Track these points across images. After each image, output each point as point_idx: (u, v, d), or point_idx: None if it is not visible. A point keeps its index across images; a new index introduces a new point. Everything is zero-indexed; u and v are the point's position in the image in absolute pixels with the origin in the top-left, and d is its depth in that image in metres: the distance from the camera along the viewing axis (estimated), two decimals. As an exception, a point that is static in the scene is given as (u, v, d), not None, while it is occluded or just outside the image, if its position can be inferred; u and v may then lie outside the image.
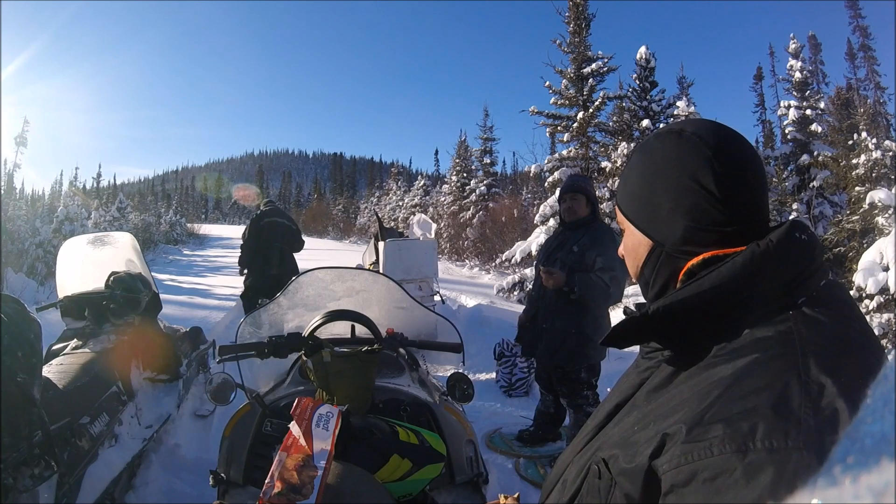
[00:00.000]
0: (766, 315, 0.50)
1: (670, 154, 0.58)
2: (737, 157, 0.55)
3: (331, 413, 1.00)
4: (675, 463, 0.44)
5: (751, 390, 0.44)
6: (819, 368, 0.44)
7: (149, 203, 33.38)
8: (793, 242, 0.51)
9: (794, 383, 0.43)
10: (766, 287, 0.50)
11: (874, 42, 17.59)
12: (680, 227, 0.56)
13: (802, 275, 0.51)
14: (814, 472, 0.35)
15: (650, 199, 0.59)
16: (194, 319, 5.30)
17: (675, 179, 0.56)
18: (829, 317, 0.49)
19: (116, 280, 2.47)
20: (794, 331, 0.48)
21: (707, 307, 0.52)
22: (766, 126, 18.08)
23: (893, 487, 0.18)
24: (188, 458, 2.45)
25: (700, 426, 0.44)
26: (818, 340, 0.47)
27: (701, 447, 0.43)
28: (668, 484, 0.44)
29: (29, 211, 12.10)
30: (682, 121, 0.64)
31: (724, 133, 0.57)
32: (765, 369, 0.45)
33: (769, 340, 0.48)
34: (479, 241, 13.70)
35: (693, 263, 0.56)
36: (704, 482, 0.41)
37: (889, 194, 5.81)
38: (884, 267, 4.75)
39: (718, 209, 0.54)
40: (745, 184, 0.55)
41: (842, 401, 0.41)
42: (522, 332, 2.72)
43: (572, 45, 8.97)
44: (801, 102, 8.86)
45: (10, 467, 1.32)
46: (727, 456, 0.41)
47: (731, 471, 0.40)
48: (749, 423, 0.41)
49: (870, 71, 17.52)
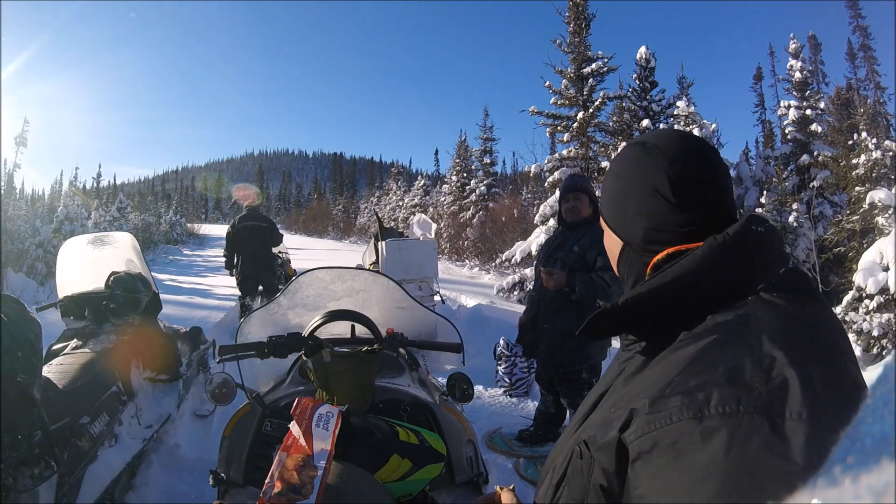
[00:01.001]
0: (727, 301, 0.55)
1: (634, 164, 0.65)
2: (691, 166, 0.62)
3: (331, 413, 1.00)
4: (640, 432, 0.48)
5: (708, 365, 0.48)
6: (771, 343, 0.48)
7: (149, 203, 33.35)
8: (749, 235, 0.56)
9: (746, 357, 0.47)
10: (725, 275, 0.56)
11: (874, 42, 17.59)
12: (641, 228, 0.63)
13: (760, 263, 0.56)
14: (763, 432, 0.42)
15: (619, 203, 0.66)
16: (194, 319, 5.30)
17: (637, 186, 0.63)
18: (784, 300, 0.53)
19: (116, 280, 2.47)
20: (751, 313, 0.52)
21: (671, 296, 0.57)
22: (766, 126, 18.09)
23: (893, 487, 0.18)
24: (188, 458, 2.45)
25: (661, 399, 0.48)
26: (772, 320, 0.51)
27: (662, 416, 0.47)
28: (634, 452, 0.48)
29: (29, 211, 12.10)
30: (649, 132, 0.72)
31: (682, 144, 0.63)
32: (721, 347, 0.50)
33: (728, 323, 0.53)
34: (479, 241, 13.70)
35: (659, 258, 0.62)
36: (666, 447, 0.46)
37: (889, 194, 5.81)
38: (884, 267, 4.75)
39: (674, 213, 0.61)
40: (698, 190, 0.61)
41: (791, 370, 0.45)
42: (523, 332, 2.72)
43: (572, 45, 8.97)
44: (801, 102, 8.86)
45: (10, 467, 1.31)
46: (685, 422, 0.45)
47: (689, 435, 0.44)
48: (704, 393, 0.45)
49: (870, 71, 17.52)
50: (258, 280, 4.97)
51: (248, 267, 4.91)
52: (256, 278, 4.96)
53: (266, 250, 5.03)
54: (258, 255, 4.94)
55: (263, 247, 4.99)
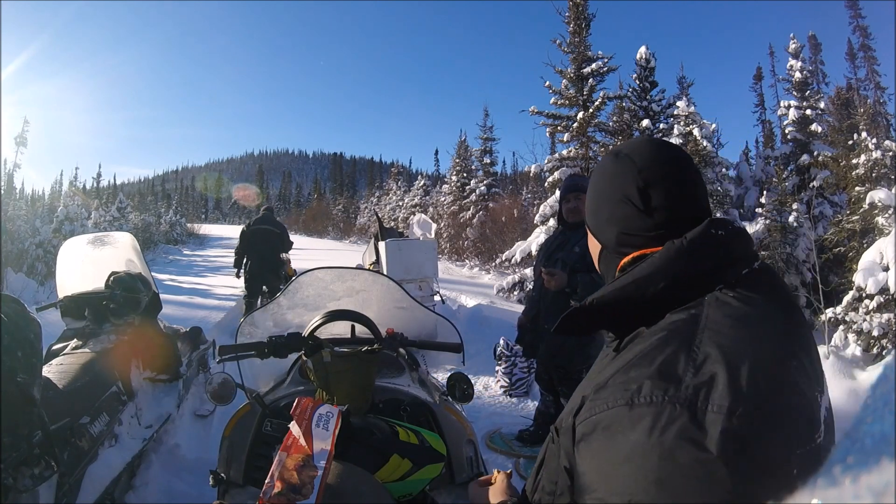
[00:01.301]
0: (686, 300, 0.58)
1: (608, 172, 0.70)
2: (659, 175, 0.66)
3: (331, 413, 1.00)
4: (584, 417, 0.54)
5: (649, 359, 0.52)
6: (709, 341, 0.51)
7: (149, 203, 33.33)
8: (707, 238, 0.60)
9: (682, 353, 0.51)
10: (682, 276, 0.59)
11: (874, 42, 17.58)
12: (614, 233, 0.68)
13: (719, 265, 0.60)
14: (682, 421, 0.46)
15: (596, 209, 0.72)
16: (194, 319, 5.30)
17: (610, 194, 0.69)
18: (739, 299, 0.57)
19: (116, 280, 2.47)
20: (702, 312, 0.56)
21: (631, 297, 0.61)
22: (766, 126, 18.07)
23: (893, 487, 0.18)
24: (188, 458, 2.45)
25: (603, 388, 0.54)
26: (719, 319, 0.54)
27: (600, 403, 0.53)
28: (579, 434, 0.54)
29: (29, 211, 12.10)
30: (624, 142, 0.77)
31: (652, 153, 0.67)
32: (666, 343, 0.54)
33: (680, 321, 0.56)
34: (479, 241, 13.70)
35: (624, 262, 0.68)
36: (603, 430, 0.51)
37: (889, 194, 5.81)
38: (884, 267, 4.75)
39: (643, 219, 0.65)
40: (665, 197, 0.65)
41: (720, 366, 0.48)
42: (523, 332, 2.72)
43: (572, 45, 8.96)
44: (801, 102, 8.86)
45: (10, 467, 1.31)
46: (618, 408, 0.50)
47: (620, 420, 0.50)
48: (638, 384, 0.50)
49: (870, 71, 17.51)
50: (263, 281, 5.14)
51: (255, 268, 5.15)
52: (262, 279, 5.13)
53: (274, 254, 5.23)
54: (266, 258, 5.17)
55: (272, 251, 5.21)
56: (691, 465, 0.44)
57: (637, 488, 0.46)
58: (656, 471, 0.45)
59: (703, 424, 0.45)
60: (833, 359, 3.88)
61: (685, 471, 0.44)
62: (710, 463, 0.44)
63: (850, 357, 4.26)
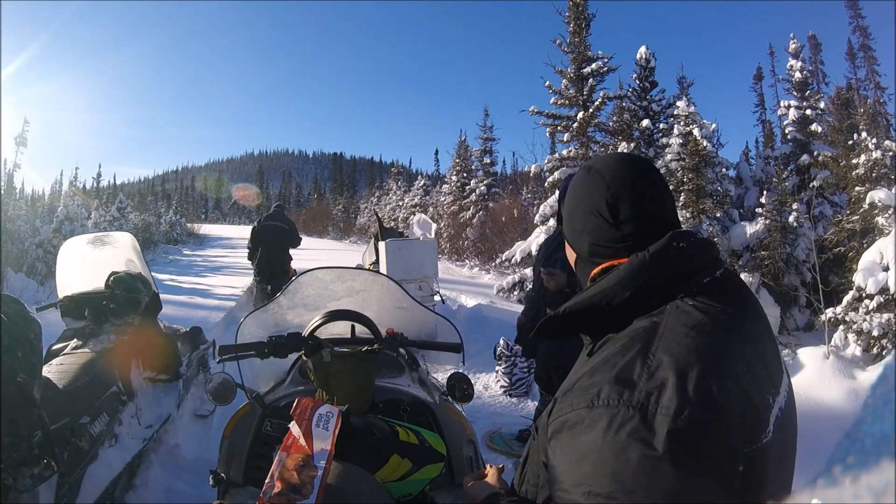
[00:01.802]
0: (650, 307, 0.63)
1: (580, 186, 0.74)
2: (627, 190, 0.70)
3: (331, 413, 1.00)
4: (554, 417, 0.60)
5: (609, 365, 0.58)
6: (663, 349, 0.56)
7: (149, 203, 33.30)
8: (670, 251, 0.64)
9: (639, 359, 0.56)
10: (646, 286, 0.63)
11: (874, 42, 17.56)
12: (586, 243, 0.73)
13: (680, 275, 0.64)
14: (633, 423, 0.51)
15: (571, 220, 0.76)
16: (194, 319, 5.30)
17: (582, 207, 0.73)
18: (697, 308, 0.61)
19: (116, 280, 2.47)
20: (662, 320, 0.60)
21: (599, 305, 0.65)
22: (766, 126, 18.06)
23: (893, 487, 0.18)
24: (188, 458, 2.45)
25: (569, 392, 0.60)
26: (675, 327, 0.59)
27: (566, 405, 0.58)
28: (550, 432, 0.60)
29: (29, 211, 12.08)
30: (596, 157, 0.82)
31: (621, 169, 0.71)
32: (625, 350, 0.58)
33: (641, 328, 0.61)
34: (479, 241, 13.69)
35: (595, 272, 0.73)
36: (568, 429, 0.57)
37: (889, 194, 5.81)
38: (884, 267, 4.75)
39: (611, 230, 0.70)
40: (632, 210, 0.69)
41: (670, 372, 0.53)
42: (523, 333, 2.72)
43: (572, 45, 8.96)
44: (801, 102, 8.84)
45: (10, 467, 1.31)
46: (580, 410, 0.56)
47: (582, 420, 0.55)
48: (598, 388, 0.56)
49: (870, 71, 17.50)
50: (271, 272, 5.51)
51: (264, 261, 5.52)
52: (269, 271, 5.51)
53: (283, 249, 5.60)
54: (273, 251, 5.54)
55: (281, 245, 5.57)
56: (641, 461, 0.49)
57: (594, 480, 0.51)
58: (611, 465, 0.50)
59: (653, 426, 0.50)
60: (833, 359, 3.88)
61: (636, 467, 0.49)
62: (657, 460, 0.49)
63: (850, 357, 4.25)
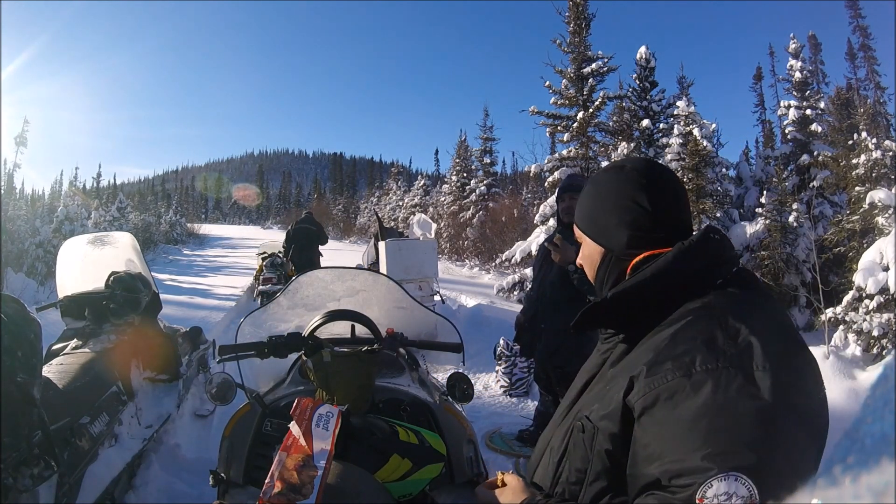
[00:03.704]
0: (692, 294, 0.68)
1: (614, 183, 0.78)
2: (663, 184, 0.77)
3: (331, 413, 1.00)
4: (642, 392, 0.61)
5: (688, 338, 0.62)
6: (734, 319, 0.62)
7: (149, 203, 33.29)
8: (708, 241, 0.71)
9: (717, 329, 0.61)
10: (690, 272, 0.70)
11: (874, 42, 17.55)
12: (624, 235, 0.76)
13: (716, 263, 0.71)
14: (738, 380, 0.56)
15: (600, 217, 0.79)
16: (194, 319, 5.30)
17: (618, 201, 0.77)
18: (738, 290, 0.69)
19: (116, 280, 2.47)
20: (714, 300, 0.67)
21: (650, 288, 0.70)
22: (766, 126, 18.06)
23: (893, 487, 0.18)
24: (188, 458, 2.45)
25: (656, 365, 0.62)
26: (732, 304, 0.66)
27: (659, 377, 0.60)
28: (639, 409, 0.61)
29: (29, 211, 12.07)
30: (621, 159, 0.88)
31: (654, 167, 0.79)
32: (695, 325, 0.64)
33: (697, 308, 0.66)
34: (479, 241, 13.69)
35: (637, 260, 0.76)
36: (665, 400, 0.59)
37: (889, 194, 5.81)
38: (884, 267, 4.75)
39: (650, 220, 0.75)
40: (669, 202, 0.76)
41: (752, 336, 0.60)
42: (521, 332, 2.72)
43: (572, 45, 8.96)
44: (801, 102, 8.84)
45: (10, 467, 1.31)
46: (678, 379, 0.59)
47: (682, 389, 0.58)
48: (690, 357, 0.60)
49: (870, 71, 17.50)
50: (301, 266, 6.47)
51: (296, 257, 6.77)
52: (300, 265, 6.57)
53: (312, 247, 6.96)
54: (304, 249, 6.85)
55: (310, 244, 6.94)
56: (755, 413, 0.54)
57: (712, 440, 0.54)
58: (726, 422, 0.54)
59: (756, 381, 0.56)
60: (833, 359, 3.88)
61: (752, 418, 0.54)
62: (769, 409, 0.54)
63: (850, 357, 4.26)
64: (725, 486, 0.52)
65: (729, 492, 0.52)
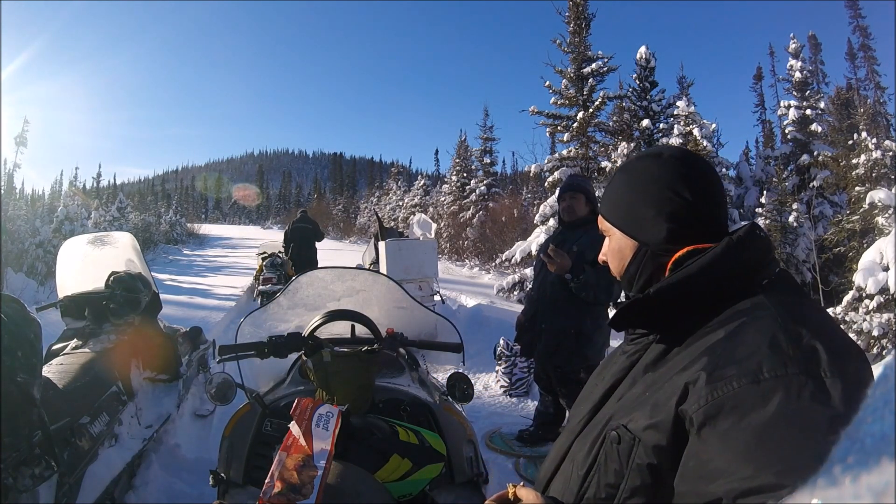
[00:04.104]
0: (738, 294, 0.63)
1: (651, 172, 0.72)
2: (703, 173, 0.71)
3: (331, 413, 1.00)
4: (704, 401, 0.55)
5: (749, 340, 0.57)
6: (793, 322, 0.57)
7: (149, 203, 33.30)
8: (755, 238, 0.66)
9: (779, 333, 0.56)
10: (737, 270, 0.64)
11: (874, 42, 17.56)
12: (664, 227, 0.70)
13: (762, 262, 0.66)
14: (810, 388, 0.51)
15: (637, 209, 0.72)
16: (194, 319, 5.30)
17: (656, 192, 0.70)
18: (786, 291, 0.64)
19: (116, 280, 2.47)
20: (766, 301, 0.61)
21: (695, 285, 0.65)
22: (766, 126, 18.07)
23: (893, 487, 0.18)
24: (188, 458, 2.45)
25: (717, 370, 0.56)
26: (786, 305, 0.61)
27: (722, 384, 0.54)
28: (699, 420, 0.54)
29: (29, 211, 12.06)
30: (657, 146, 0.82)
31: (692, 155, 0.74)
32: (752, 327, 0.58)
33: (748, 310, 0.61)
34: (479, 241, 13.69)
35: (680, 255, 0.69)
36: (731, 410, 0.53)
37: (889, 194, 5.81)
38: (884, 267, 4.75)
39: (692, 212, 0.69)
40: (709, 192, 0.71)
41: (816, 342, 0.55)
42: (521, 332, 2.72)
43: (572, 45, 8.96)
44: (801, 102, 8.85)
45: (10, 467, 1.31)
46: (745, 387, 0.53)
47: (751, 397, 0.52)
48: (755, 362, 0.54)
49: (870, 71, 17.50)
50: (301, 265, 6.83)
51: (296, 255, 7.17)
52: (299, 262, 7.00)
53: (311, 245, 7.41)
54: (303, 248, 7.29)
55: (306, 241, 7.38)
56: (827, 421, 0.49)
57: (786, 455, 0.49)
58: (798, 432, 0.49)
59: (826, 388, 0.51)
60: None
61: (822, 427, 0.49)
62: (839, 418, 0.49)
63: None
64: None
65: None
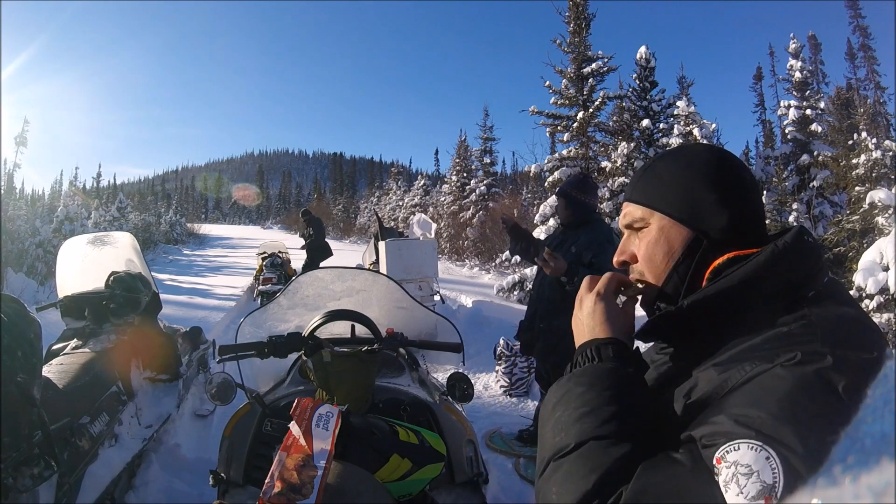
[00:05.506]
0: (783, 306, 0.56)
1: (709, 157, 0.65)
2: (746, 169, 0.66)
3: (331, 413, 1.00)
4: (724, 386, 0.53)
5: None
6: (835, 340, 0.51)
7: (149, 203, 33.29)
8: (803, 244, 0.59)
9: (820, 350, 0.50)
10: (784, 280, 0.58)
11: (874, 42, 17.58)
12: (725, 215, 0.61)
13: (810, 271, 0.59)
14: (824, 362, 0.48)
15: (694, 191, 0.63)
16: (194, 319, 5.30)
17: (717, 176, 0.63)
18: (833, 304, 0.56)
19: (116, 280, 2.47)
20: (815, 317, 0.54)
21: (736, 297, 0.58)
22: (766, 126, 18.08)
23: (893, 487, 0.18)
24: (188, 458, 2.45)
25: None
26: (836, 324, 0.54)
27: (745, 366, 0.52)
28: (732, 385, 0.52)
29: (29, 211, 12.06)
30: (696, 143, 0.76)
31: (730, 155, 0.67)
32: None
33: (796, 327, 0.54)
34: (479, 241, 13.69)
35: (719, 262, 0.62)
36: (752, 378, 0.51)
37: (889, 194, 5.81)
38: (884, 267, 4.75)
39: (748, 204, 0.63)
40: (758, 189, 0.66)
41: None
42: (522, 330, 2.73)
43: (572, 45, 8.96)
44: (801, 102, 8.85)
45: (10, 467, 1.31)
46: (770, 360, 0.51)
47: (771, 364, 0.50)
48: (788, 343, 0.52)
49: (870, 71, 17.51)
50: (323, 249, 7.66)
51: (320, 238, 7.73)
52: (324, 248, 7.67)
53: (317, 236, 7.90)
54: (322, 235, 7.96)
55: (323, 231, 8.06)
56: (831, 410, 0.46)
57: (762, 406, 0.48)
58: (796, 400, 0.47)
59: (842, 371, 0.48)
60: (833, 359, 3.87)
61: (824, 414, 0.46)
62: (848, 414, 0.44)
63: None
64: (751, 459, 0.44)
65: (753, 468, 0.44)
